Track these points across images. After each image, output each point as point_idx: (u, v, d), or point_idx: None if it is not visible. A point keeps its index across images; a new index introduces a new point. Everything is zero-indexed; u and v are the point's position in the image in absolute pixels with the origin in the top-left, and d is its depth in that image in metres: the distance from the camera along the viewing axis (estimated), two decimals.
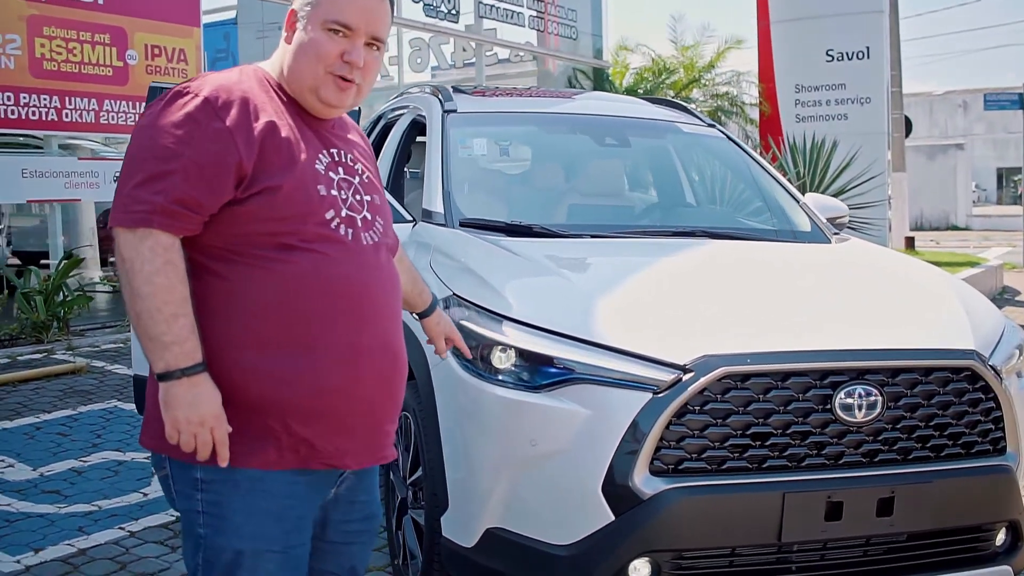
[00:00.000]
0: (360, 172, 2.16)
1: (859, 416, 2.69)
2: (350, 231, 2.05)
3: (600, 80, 15.28)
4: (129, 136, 3.97)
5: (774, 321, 2.86)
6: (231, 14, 15.35)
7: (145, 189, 1.90)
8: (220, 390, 1.94)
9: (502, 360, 2.81)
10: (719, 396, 2.65)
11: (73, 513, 4.11)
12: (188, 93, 1.98)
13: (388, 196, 3.92)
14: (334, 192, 2.06)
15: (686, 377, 2.63)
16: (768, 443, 2.64)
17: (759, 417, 2.66)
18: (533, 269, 3.18)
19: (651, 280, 3.15)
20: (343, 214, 2.04)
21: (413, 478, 3.22)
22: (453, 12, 12.74)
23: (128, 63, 8.61)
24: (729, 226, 4.04)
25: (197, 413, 1.90)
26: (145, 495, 4.33)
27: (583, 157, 4.38)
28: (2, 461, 4.83)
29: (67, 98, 8.11)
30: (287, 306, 1.97)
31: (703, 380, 2.62)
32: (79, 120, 8.24)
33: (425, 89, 4.78)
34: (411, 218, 3.85)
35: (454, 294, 3.08)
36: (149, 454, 2.30)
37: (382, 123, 5.27)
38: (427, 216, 3.80)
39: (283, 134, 2.03)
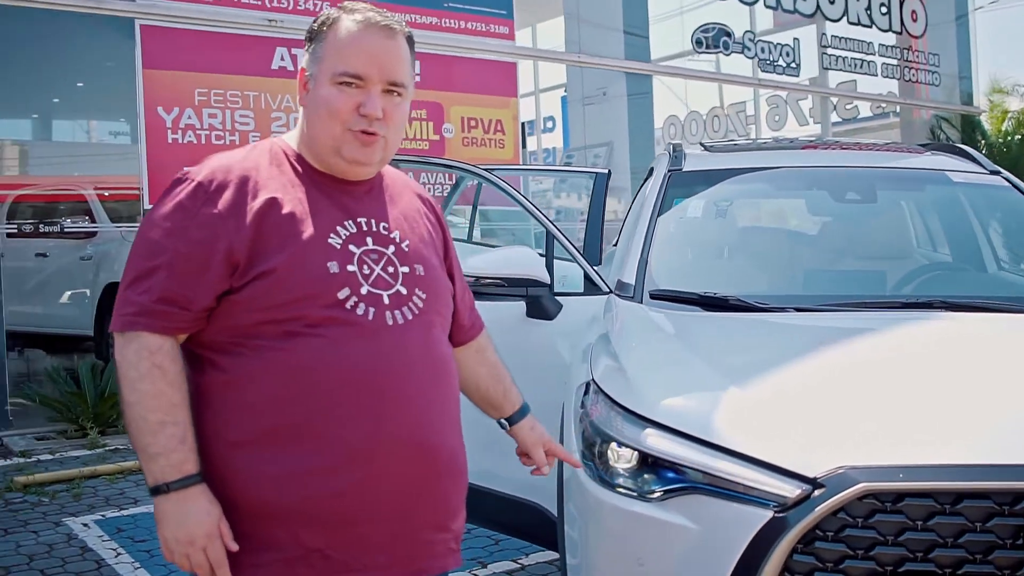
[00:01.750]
0: (398, 240, 1.91)
1: None
2: (371, 310, 1.81)
3: (969, 129, 13.83)
4: None
5: (961, 424, 2.25)
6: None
7: (133, 289, 1.80)
8: (221, 497, 1.77)
9: (616, 459, 2.48)
10: (861, 520, 2.12)
11: None
12: (185, 179, 1.85)
13: (584, 265, 3.72)
14: (352, 268, 1.83)
15: (816, 493, 2.14)
16: None
17: (917, 551, 2.08)
18: (678, 354, 2.84)
19: (823, 367, 2.65)
20: (363, 291, 1.81)
21: None
22: (793, 66, 12.12)
23: (444, 136, 9.00)
24: (980, 295, 3.33)
25: (186, 532, 1.74)
26: None
27: (812, 216, 3.86)
28: (113, 550, 4.57)
29: None
30: (289, 399, 1.77)
31: (838, 498, 2.12)
32: None
33: (669, 148, 4.49)
34: (608, 289, 3.58)
35: (592, 379, 2.76)
36: None
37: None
38: (619, 287, 3.49)
39: (285, 209, 1.84)
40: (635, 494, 2.39)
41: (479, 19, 9.34)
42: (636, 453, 2.42)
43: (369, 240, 1.87)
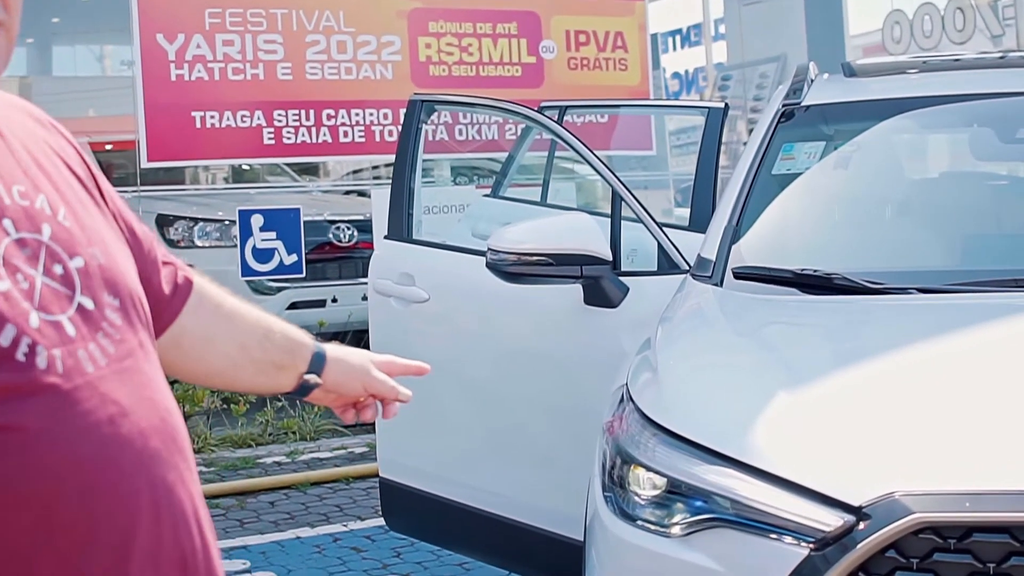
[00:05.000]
0: (50, 212, 1.49)
1: None
2: (57, 355, 1.39)
3: None
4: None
5: None
6: None
7: None
8: None
9: (640, 486, 2.76)
10: (917, 561, 2.34)
11: None
12: None
13: (658, 235, 3.98)
14: (3, 285, 1.38)
15: (862, 526, 2.37)
16: None
17: None
18: (738, 355, 3.11)
19: (914, 369, 2.88)
20: (33, 322, 1.38)
21: None
22: None
23: (543, 57, 9.29)
24: None
25: None
26: None
27: (965, 166, 4.02)
28: None
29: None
30: None
31: (885, 532, 2.33)
32: (479, 138, 9.04)
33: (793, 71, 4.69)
34: (689, 266, 3.84)
35: (627, 385, 3.05)
36: None
37: None
38: (697, 265, 3.75)
39: None
40: (657, 529, 2.66)
41: None
42: (664, 479, 2.69)
43: (7, 224, 1.43)
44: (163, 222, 9.15)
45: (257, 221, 8.03)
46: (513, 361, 4.28)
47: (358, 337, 8.41)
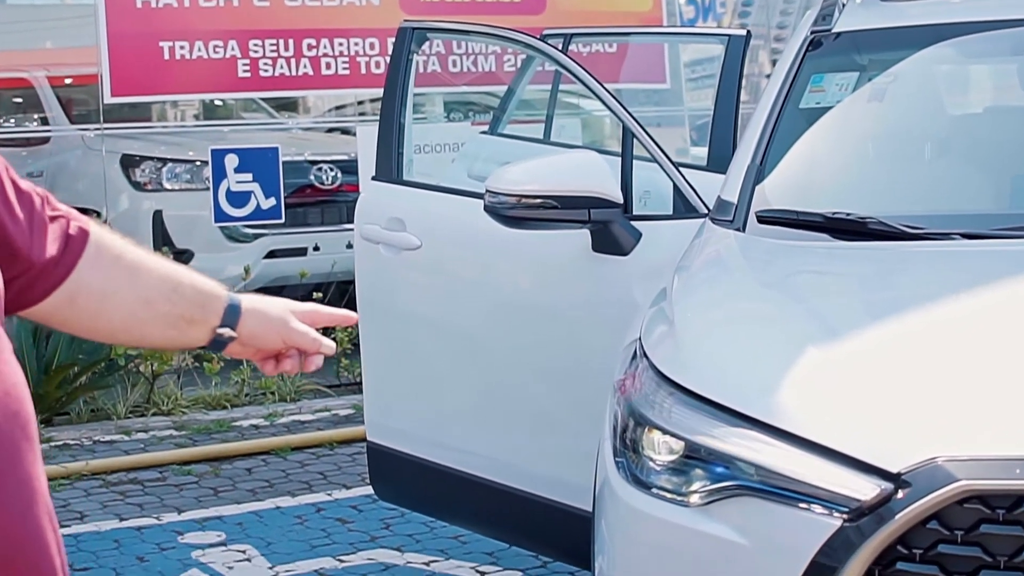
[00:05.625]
0: None
1: None
2: None
3: None
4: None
5: None
6: None
7: None
8: None
9: (655, 450, 2.74)
10: (962, 533, 2.33)
11: None
12: None
13: (673, 174, 3.94)
14: None
15: (901, 494, 2.36)
16: None
17: None
18: (762, 308, 3.09)
19: (955, 321, 2.86)
20: None
21: None
22: None
23: None
24: None
25: None
26: None
27: (1012, 99, 4.00)
28: (241, 553, 5.46)
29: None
30: None
31: (927, 501, 2.33)
32: (474, 70, 8.98)
33: None
34: (708, 209, 3.81)
35: (640, 340, 3.03)
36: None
37: None
38: (717, 208, 3.72)
39: None
40: (673, 497, 2.65)
41: None
42: (681, 443, 2.68)
43: None
44: (128, 163, 9.08)
45: (232, 161, 7.98)
46: (513, 314, 4.24)
47: (342, 289, 8.37)
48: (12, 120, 10.27)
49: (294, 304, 2.14)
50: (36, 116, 10.11)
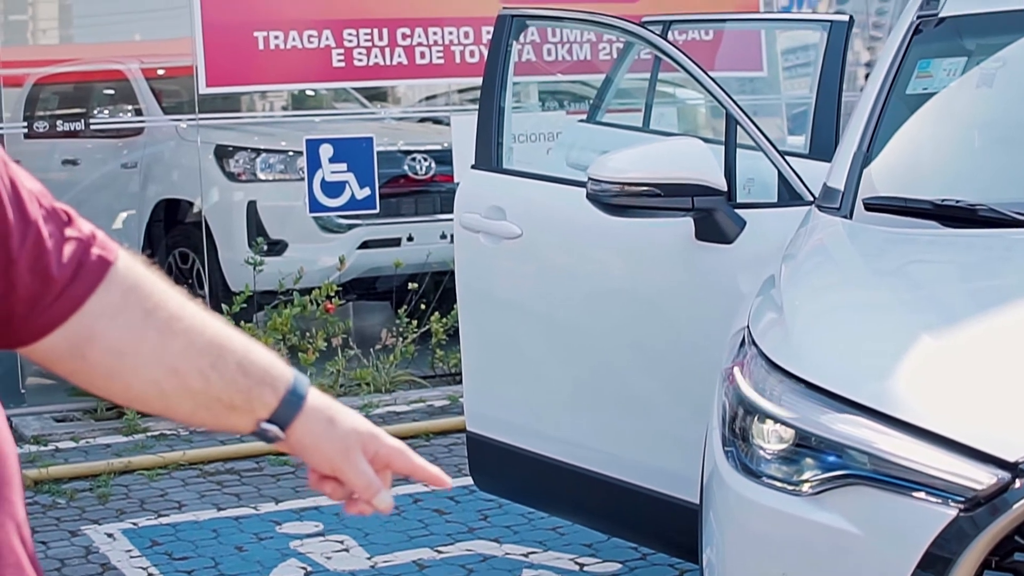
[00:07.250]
0: None
1: None
2: None
3: None
4: None
5: None
6: None
7: None
8: None
9: (765, 439, 2.75)
10: None
11: None
12: None
13: (783, 164, 3.93)
14: None
15: (1018, 484, 2.37)
16: None
17: None
18: (872, 295, 3.11)
19: None
20: None
21: None
22: None
23: None
24: None
25: None
26: None
27: None
28: (339, 543, 5.53)
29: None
30: None
31: None
32: (569, 59, 8.96)
33: None
34: (813, 197, 3.82)
35: (748, 327, 3.05)
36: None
37: None
38: (823, 196, 3.72)
39: None
40: (784, 486, 2.66)
41: None
42: (792, 431, 2.69)
43: None
44: (222, 153, 9.16)
45: (326, 152, 8.03)
46: (613, 303, 4.26)
47: (436, 280, 8.38)
48: (106, 111, 10.38)
49: (380, 433, 1.72)
50: (130, 107, 10.21)
